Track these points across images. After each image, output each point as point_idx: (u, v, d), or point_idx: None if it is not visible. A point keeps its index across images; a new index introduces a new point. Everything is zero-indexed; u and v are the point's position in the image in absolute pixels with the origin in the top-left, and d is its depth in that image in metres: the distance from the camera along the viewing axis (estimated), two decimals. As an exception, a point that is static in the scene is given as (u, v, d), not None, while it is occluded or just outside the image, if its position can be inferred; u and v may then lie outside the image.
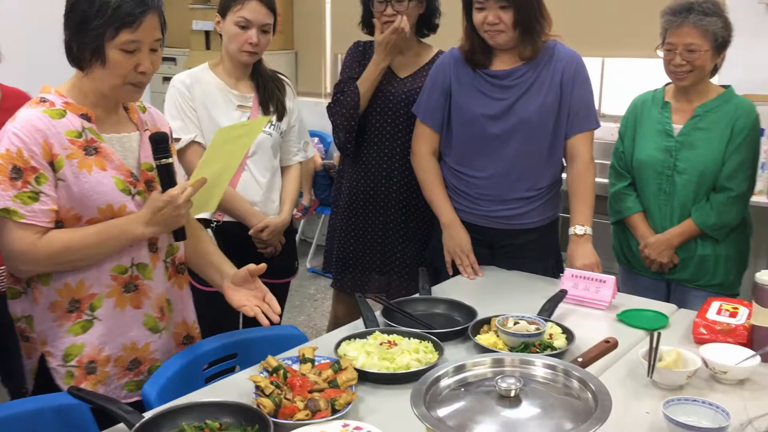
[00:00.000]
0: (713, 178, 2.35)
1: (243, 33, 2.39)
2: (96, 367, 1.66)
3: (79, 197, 1.58)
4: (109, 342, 1.66)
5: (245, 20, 2.39)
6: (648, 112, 2.46)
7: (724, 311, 1.89)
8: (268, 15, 2.43)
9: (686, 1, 2.34)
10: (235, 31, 2.40)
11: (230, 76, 2.49)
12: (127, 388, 1.71)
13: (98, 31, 1.53)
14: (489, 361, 1.18)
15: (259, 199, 2.50)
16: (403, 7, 2.46)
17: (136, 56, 1.57)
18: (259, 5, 2.40)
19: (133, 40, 1.55)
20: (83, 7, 1.54)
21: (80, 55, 1.58)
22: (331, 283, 2.83)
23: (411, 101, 2.50)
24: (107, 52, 1.55)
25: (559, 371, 1.15)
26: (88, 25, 1.54)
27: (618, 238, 2.58)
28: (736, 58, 3.64)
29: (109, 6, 1.52)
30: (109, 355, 1.67)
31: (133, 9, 1.53)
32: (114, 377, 1.69)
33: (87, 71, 1.60)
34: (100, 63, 1.56)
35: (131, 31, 1.54)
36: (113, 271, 1.65)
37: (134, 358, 1.71)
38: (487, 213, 2.35)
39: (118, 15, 1.53)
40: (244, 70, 2.49)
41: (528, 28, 2.21)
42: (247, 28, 2.39)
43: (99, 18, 1.53)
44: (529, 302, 2.01)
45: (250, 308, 1.69)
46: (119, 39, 1.54)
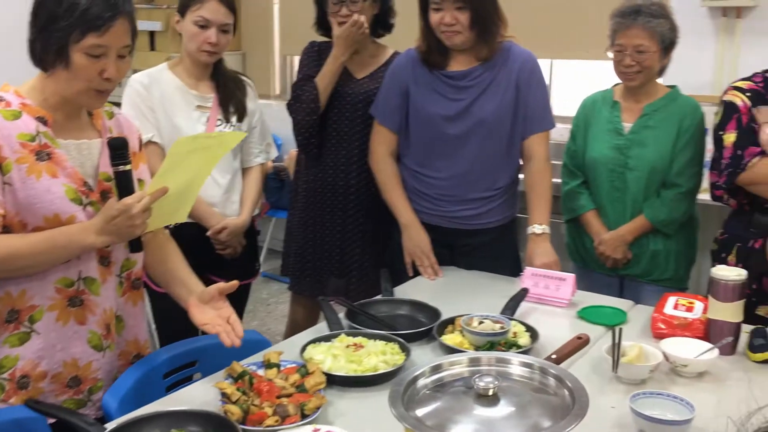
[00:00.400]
0: (663, 174, 2.42)
1: (202, 32, 2.36)
2: (29, 382, 1.56)
3: (25, 204, 1.49)
4: (47, 357, 1.57)
5: (204, 20, 2.35)
6: (598, 111, 2.51)
7: (680, 306, 1.94)
8: (228, 15, 2.39)
9: (634, 4, 2.40)
10: (194, 30, 2.36)
11: (190, 76, 2.45)
12: (66, 405, 1.61)
13: (64, 32, 1.45)
14: (466, 361, 1.18)
15: (219, 200, 2.46)
16: (357, 7, 2.45)
17: (102, 61, 1.49)
18: (218, 5, 2.36)
19: (99, 45, 1.48)
20: (50, 6, 1.46)
21: (44, 56, 1.50)
22: (289, 287, 2.80)
23: (368, 102, 2.49)
24: (72, 54, 1.47)
25: (535, 369, 1.15)
26: (54, 25, 1.46)
27: (572, 235, 2.63)
28: (680, 59, 3.76)
29: (77, 7, 1.45)
30: (45, 371, 1.57)
31: (102, 12, 1.46)
32: (50, 394, 1.59)
33: (50, 73, 1.52)
34: (63, 65, 1.48)
35: (98, 35, 1.47)
36: (58, 284, 1.56)
37: (75, 375, 1.61)
38: (446, 213, 2.36)
39: (86, 17, 1.45)
40: (204, 71, 2.45)
41: (484, 28, 2.23)
42: (207, 27, 2.36)
43: (66, 18, 1.45)
44: (490, 301, 2.02)
45: (213, 327, 1.62)
46: (85, 42, 1.46)
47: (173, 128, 2.39)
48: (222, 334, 1.61)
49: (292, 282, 2.74)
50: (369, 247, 2.63)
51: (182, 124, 2.40)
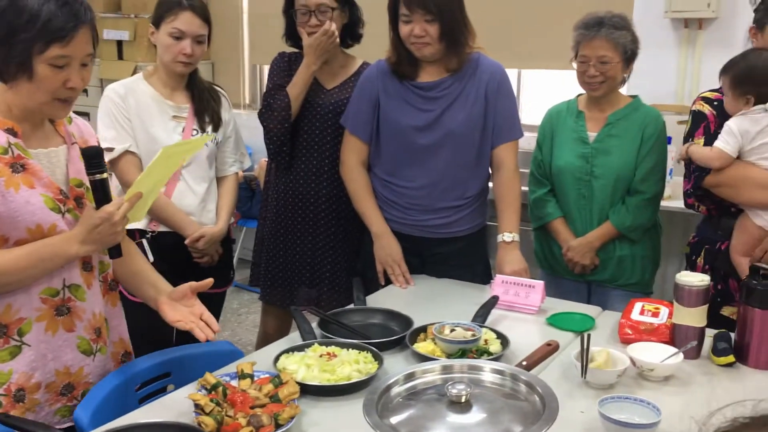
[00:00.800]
0: (628, 181, 2.47)
1: (177, 44, 2.37)
2: (25, 394, 1.57)
3: (7, 217, 1.49)
4: (40, 368, 1.58)
5: (179, 31, 2.37)
6: (563, 121, 2.56)
7: (646, 311, 1.98)
8: (203, 26, 2.41)
9: (597, 16, 2.46)
10: (168, 41, 2.37)
11: (165, 86, 2.46)
12: (59, 413, 1.62)
13: (26, 44, 1.44)
14: (438, 368, 1.20)
15: (195, 209, 2.48)
16: (326, 17, 2.47)
17: (66, 71, 1.49)
18: (192, 16, 2.38)
19: (63, 56, 1.47)
20: (10, 18, 1.44)
21: (4, 68, 1.48)
22: (260, 297, 2.80)
23: (338, 112, 2.51)
24: (35, 66, 1.46)
25: (506, 376, 1.18)
26: (15, 37, 1.44)
27: (540, 243, 2.67)
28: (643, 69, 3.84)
29: (39, 19, 1.43)
30: (39, 382, 1.58)
31: (65, 23, 1.45)
32: (45, 404, 1.60)
33: (11, 85, 1.50)
34: (26, 77, 1.47)
35: (62, 46, 1.46)
36: (43, 294, 1.56)
37: (68, 382, 1.63)
38: (417, 222, 2.38)
39: (48, 29, 1.44)
40: (179, 81, 2.47)
41: (453, 40, 2.26)
42: (181, 38, 2.37)
43: (28, 31, 1.44)
44: (462, 309, 2.05)
45: (186, 323, 1.65)
46: (49, 53, 1.46)
47: (149, 138, 2.40)
48: (196, 329, 1.63)
49: (263, 292, 2.74)
50: (340, 256, 2.64)
51: (158, 134, 2.40)
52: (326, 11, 2.47)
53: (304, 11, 2.48)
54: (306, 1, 2.46)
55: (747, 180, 2.20)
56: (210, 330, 1.64)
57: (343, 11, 2.53)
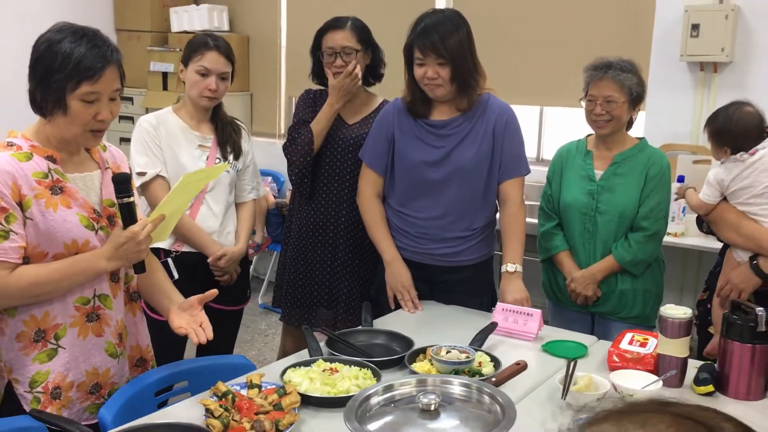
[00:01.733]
0: (631, 218, 2.59)
1: (203, 80, 2.60)
2: (60, 392, 1.76)
3: (46, 234, 1.70)
4: (73, 369, 1.78)
5: (205, 69, 2.59)
6: (572, 159, 2.70)
7: (635, 341, 2.09)
8: (227, 64, 2.63)
9: (606, 60, 2.60)
10: (196, 78, 2.60)
11: (192, 118, 2.68)
12: (88, 410, 1.82)
13: (60, 83, 1.65)
14: (414, 381, 1.34)
15: (216, 230, 2.68)
16: (351, 58, 2.66)
17: (96, 106, 1.69)
18: (217, 55, 2.60)
19: (93, 92, 1.67)
20: (47, 61, 1.66)
21: (43, 105, 1.69)
22: (280, 317, 2.97)
23: (358, 146, 2.69)
24: (69, 102, 1.66)
25: (473, 389, 1.32)
26: (51, 78, 1.65)
27: (547, 274, 2.79)
28: (660, 110, 3.97)
29: (71, 60, 1.64)
30: (72, 381, 1.78)
31: (93, 63, 1.65)
32: (77, 401, 1.80)
33: (50, 119, 1.71)
34: (62, 112, 1.68)
35: (92, 83, 1.66)
36: (77, 302, 1.77)
37: (96, 382, 1.82)
38: (426, 251, 2.53)
39: (79, 69, 1.64)
40: (204, 114, 2.69)
41: (464, 82, 2.42)
42: (207, 75, 2.60)
43: (61, 71, 1.64)
44: (462, 334, 2.18)
45: (186, 329, 1.83)
46: (80, 91, 1.66)
47: (178, 164, 2.62)
48: (191, 332, 1.82)
49: (283, 313, 2.91)
50: (356, 280, 2.80)
51: (186, 161, 2.62)
52: (351, 53, 2.66)
53: (330, 53, 2.67)
54: (332, 44, 2.66)
55: (722, 221, 2.40)
56: (203, 334, 1.81)
57: (367, 53, 2.72)
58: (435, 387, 1.32)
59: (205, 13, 5.43)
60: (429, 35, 2.36)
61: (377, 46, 2.77)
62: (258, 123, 5.72)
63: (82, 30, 1.69)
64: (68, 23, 1.71)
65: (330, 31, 2.68)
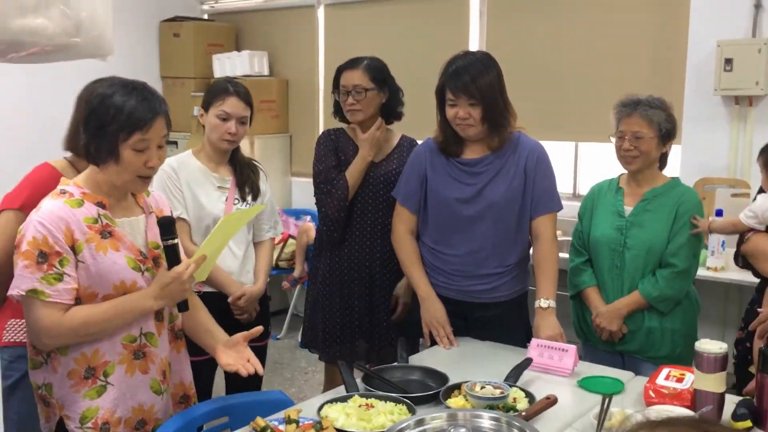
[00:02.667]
0: (659, 254, 2.58)
1: (223, 124, 2.70)
2: (109, 427, 1.84)
3: (97, 276, 1.80)
4: (121, 405, 1.85)
5: (225, 113, 2.70)
6: (603, 196, 2.72)
7: (672, 377, 2.08)
8: (246, 109, 2.74)
9: (636, 97, 2.63)
10: (216, 122, 2.71)
11: (211, 161, 2.78)
12: None
13: (113, 134, 1.77)
14: (445, 416, 1.38)
15: (236, 269, 2.77)
16: (362, 96, 2.76)
17: (146, 154, 1.81)
18: (237, 101, 2.71)
19: (143, 140, 1.79)
20: (100, 114, 1.78)
21: (97, 154, 1.81)
22: (320, 357, 3.00)
23: (387, 182, 2.78)
24: (121, 151, 1.78)
25: (503, 422, 1.35)
26: (105, 129, 1.77)
27: (576, 312, 2.78)
28: (696, 144, 3.96)
29: (123, 113, 1.76)
30: (120, 417, 1.85)
31: (144, 115, 1.78)
32: None
33: (102, 167, 1.83)
34: (114, 161, 1.80)
35: (142, 133, 1.78)
36: (124, 340, 1.86)
37: (141, 418, 1.90)
38: (460, 287, 2.56)
39: (131, 120, 1.77)
40: (223, 156, 2.79)
41: (495, 122, 2.47)
42: (227, 120, 2.70)
43: (115, 123, 1.76)
44: (498, 370, 2.20)
45: (234, 366, 1.91)
46: (132, 140, 1.78)
47: (197, 205, 2.72)
48: (240, 369, 1.89)
49: (323, 352, 2.94)
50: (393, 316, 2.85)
51: (205, 202, 2.72)
52: (361, 92, 2.76)
53: (344, 91, 2.79)
54: (345, 83, 2.78)
55: (761, 253, 2.35)
56: (252, 367, 1.89)
57: (381, 92, 2.81)
58: (465, 421, 1.35)
59: (246, 59, 5.61)
60: (460, 77, 2.43)
61: (394, 85, 2.87)
62: (297, 163, 5.85)
63: (131, 83, 1.81)
64: (117, 77, 1.83)
65: (346, 70, 2.80)
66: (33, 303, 1.75)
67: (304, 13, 5.62)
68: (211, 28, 5.95)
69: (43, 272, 1.74)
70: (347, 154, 2.84)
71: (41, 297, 1.74)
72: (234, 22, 6.05)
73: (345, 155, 2.84)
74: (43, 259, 1.74)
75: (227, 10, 6.14)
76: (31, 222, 1.77)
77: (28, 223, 1.78)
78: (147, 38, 5.88)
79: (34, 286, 1.74)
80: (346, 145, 2.87)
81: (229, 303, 2.72)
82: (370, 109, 2.80)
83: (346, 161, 2.83)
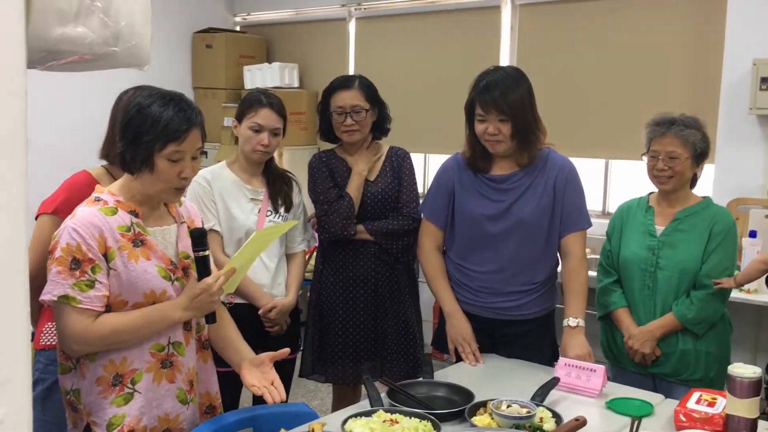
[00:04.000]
0: (693, 275, 2.53)
1: (256, 136, 2.71)
2: None
3: (128, 284, 1.82)
4: (147, 413, 1.86)
5: (258, 125, 2.71)
6: (633, 215, 2.68)
7: (703, 401, 2.04)
8: (278, 120, 2.75)
9: (670, 116, 2.59)
10: (249, 134, 2.72)
11: (244, 172, 2.79)
12: None
13: (149, 143, 1.80)
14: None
15: (268, 282, 2.76)
16: (360, 117, 2.76)
17: (180, 164, 1.83)
18: (270, 112, 2.72)
19: (178, 151, 1.82)
20: (137, 123, 1.81)
21: (132, 163, 1.84)
22: (327, 379, 2.92)
23: (383, 198, 2.80)
24: (156, 161, 1.81)
25: (530, 443, 1.32)
26: (141, 139, 1.80)
27: (605, 333, 2.73)
28: (729, 164, 3.90)
29: (159, 123, 1.79)
30: (146, 425, 1.86)
31: (180, 126, 1.80)
32: None
33: (137, 176, 1.85)
34: (149, 170, 1.82)
35: (177, 143, 1.81)
36: (152, 349, 1.87)
37: (166, 427, 1.90)
38: (487, 304, 2.54)
39: (167, 131, 1.79)
40: (256, 168, 2.80)
41: (524, 139, 2.45)
42: (260, 131, 2.71)
43: (151, 133, 1.79)
44: (524, 388, 2.17)
45: (259, 388, 1.90)
46: (167, 150, 1.80)
47: (230, 217, 2.73)
48: (266, 394, 1.88)
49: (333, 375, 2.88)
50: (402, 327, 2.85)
51: (238, 214, 2.73)
52: (360, 112, 2.76)
53: (340, 112, 2.77)
54: (341, 103, 2.76)
55: None
56: (278, 395, 1.88)
57: (374, 110, 2.82)
58: (492, 440, 1.33)
59: (276, 71, 5.66)
60: (490, 92, 2.41)
61: (383, 102, 2.87)
62: (325, 175, 5.85)
63: (169, 94, 1.84)
64: (155, 88, 1.86)
65: (339, 90, 2.78)
66: (64, 309, 1.77)
67: (335, 25, 5.66)
68: (243, 40, 6.02)
69: (76, 278, 1.76)
70: (341, 174, 2.83)
71: (72, 303, 1.76)
72: (265, 34, 6.11)
73: (339, 176, 2.84)
74: (76, 265, 1.76)
75: (259, 23, 6.20)
76: (65, 228, 1.80)
77: (63, 229, 1.80)
78: (180, 49, 5.96)
79: (66, 291, 1.76)
80: (338, 165, 2.85)
81: (260, 315, 2.71)
82: (366, 128, 2.81)
83: (342, 182, 2.82)
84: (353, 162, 2.82)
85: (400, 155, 2.91)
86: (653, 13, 4.20)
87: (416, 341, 2.91)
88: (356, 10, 5.52)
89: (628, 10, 4.29)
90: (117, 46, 1.11)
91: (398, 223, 2.81)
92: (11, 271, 0.82)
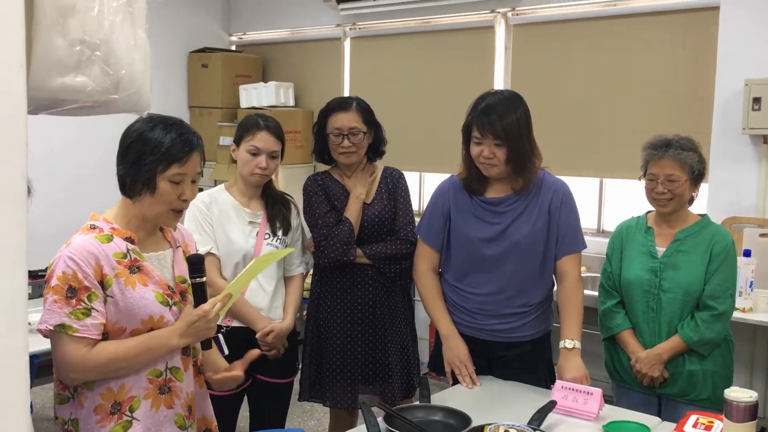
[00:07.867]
0: (696, 296, 2.54)
1: (254, 159, 2.72)
2: None
3: (125, 311, 1.82)
4: None
5: (256, 148, 2.72)
6: (632, 236, 2.69)
7: (700, 424, 2.04)
8: (276, 143, 2.76)
9: (665, 138, 2.61)
10: (247, 157, 2.73)
11: (243, 195, 2.80)
12: None
13: (152, 165, 1.82)
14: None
15: (265, 305, 2.76)
16: (357, 139, 2.77)
17: (181, 186, 1.86)
18: (268, 135, 2.73)
19: (180, 173, 1.84)
20: (139, 146, 1.83)
21: (132, 186, 1.85)
22: (326, 404, 2.90)
23: (380, 221, 2.81)
24: (158, 182, 1.83)
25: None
26: (143, 161, 1.82)
27: (610, 354, 2.74)
28: (723, 183, 3.92)
29: (162, 145, 1.82)
30: None
31: (182, 148, 1.83)
32: None
33: (135, 200, 1.86)
34: (150, 192, 1.83)
35: (180, 165, 1.83)
36: (150, 375, 1.87)
37: None
38: (483, 326, 2.54)
39: (169, 153, 1.82)
40: (255, 191, 2.81)
41: (519, 164, 2.45)
42: (258, 154, 2.72)
43: (154, 155, 1.81)
44: (521, 411, 2.17)
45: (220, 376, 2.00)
46: (169, 172, 1.83)
47: (228, 240, 2.73)
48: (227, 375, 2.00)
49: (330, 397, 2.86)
50: (397, 351, 2.84)
51: (236, 237, 2.73)
52: (358, 134, 2.77)
53: (337, 134, 2.77)
54: (339, 125, 2.76)
55: None
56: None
57: (370, 133, 2.83)
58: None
59: (272, 90, 5.68)
60: (488, 115, 2.42)
61: (379, 125, 2.88)
62: (321, 194, 5.86)
63: (170, 119, 1.87)
64: (155, 114, 1.87)
65: (336, 112, 2.78)
66: (61, 338, 1.77)
67: (331, 45, 5.69)
68: (239, 59, 6.04)
69: (72, 307, 1.76)
70: (338, 197, 2.83)
71: (69, 332, 1.76)
72: (261, 53, 6.14)
73: (336, 199, 2.84)
74: (72, 294, 1.76)
75: (255, 42, 6.23)
76: (61, 257, 1.80)
77: (58, 258, 1.80)
78: (176, 68, 5.98)
79: (62, 320, 1.75)
80: (334, 187, 2.85)
81: (257, 339, 2.70)
82: (363, 150, 2.82)
83: (338, 205, 2.82)
84: (350, 185, 2.83)
85: (395, 176, 2.92)
86: (646, 34, 4.24)
87: (411, 360, 2.91)
88: (351, 29, 5.56)
89: (622, 30, 4.32)
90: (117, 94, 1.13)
91: (396, 248, 2.81)
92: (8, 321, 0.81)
